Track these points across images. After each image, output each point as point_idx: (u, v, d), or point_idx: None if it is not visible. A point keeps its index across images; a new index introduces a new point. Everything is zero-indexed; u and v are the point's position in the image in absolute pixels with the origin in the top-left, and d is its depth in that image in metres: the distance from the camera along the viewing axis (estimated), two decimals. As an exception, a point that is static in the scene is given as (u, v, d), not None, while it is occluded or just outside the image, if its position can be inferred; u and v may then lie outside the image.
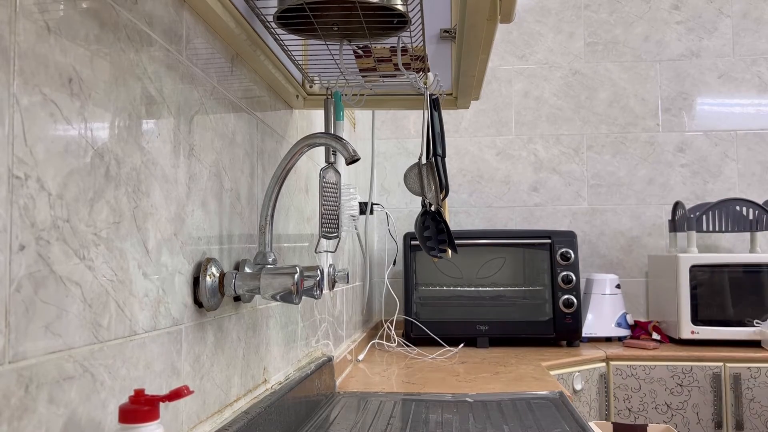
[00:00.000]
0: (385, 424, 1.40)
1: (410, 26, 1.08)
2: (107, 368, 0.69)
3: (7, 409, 0.54)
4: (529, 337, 2.61)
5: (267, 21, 1.08)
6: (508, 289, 2.72)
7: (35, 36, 0.58)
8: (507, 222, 3.09)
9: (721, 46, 3.05)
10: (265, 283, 0.99)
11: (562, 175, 3.09)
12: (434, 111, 1.37)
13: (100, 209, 0.68)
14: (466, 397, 1.66)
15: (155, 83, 0.81)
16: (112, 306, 0.70)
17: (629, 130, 3.08)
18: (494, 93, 3.14)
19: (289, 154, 1.07)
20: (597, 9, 3.12)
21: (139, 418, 0.61)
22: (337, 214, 1.28)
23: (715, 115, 3.05)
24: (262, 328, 1.22)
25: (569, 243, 2.62)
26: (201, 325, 0.94)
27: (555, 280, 2.60)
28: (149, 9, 0.80)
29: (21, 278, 0.55)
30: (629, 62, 3.09)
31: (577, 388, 2.29)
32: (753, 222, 2.68)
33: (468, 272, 2.81)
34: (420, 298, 2.69)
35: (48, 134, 0.59)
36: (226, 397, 1.03)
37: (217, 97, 1.01)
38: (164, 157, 0.83)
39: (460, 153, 3.13)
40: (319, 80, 1.45)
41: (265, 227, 1.06)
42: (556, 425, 1.38)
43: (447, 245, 1.38)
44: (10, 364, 0.54)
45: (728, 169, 3.02)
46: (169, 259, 0.84)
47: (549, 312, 2.62)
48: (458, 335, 2.59)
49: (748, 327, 2.53)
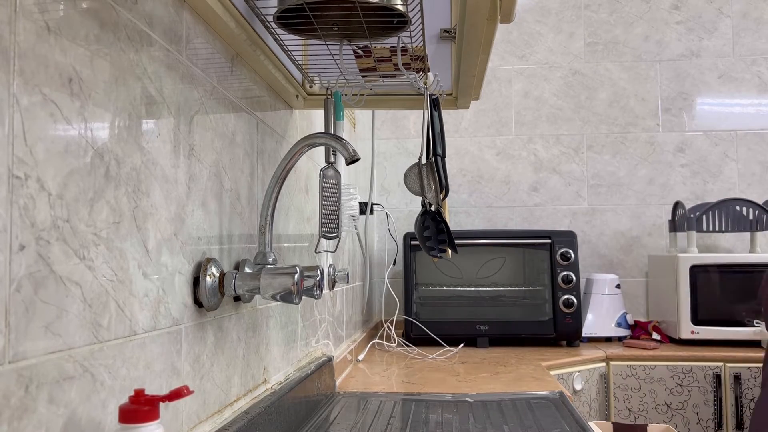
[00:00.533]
0: (385, 424, 1.40)
1: (410, 26, 1.08)
2: (107, 368, 0.69)
3: (7, 409, 0.54)
4: (529, 337, 2.61)
5: (267, 21, 1.08)
6: (508, 289, 2.72)
7: (35, 36, 0.58)
8: (507, 222, 3.09)
9: (721, 46, 3.05)
10: (265, 283, 0.99)
11: (562, 175, 3.09)
12: (434, 111, 1.37)
13: (100, 209, 0.68)
14: (466, 397, 1.66)
15: (155, 83, 0.81)
16: (112, 306, 0.70)
17: (629, 130, 3.08)
18: (494, 93, 3.14)
19: (289, 154, 1.07)
20: (597, 9, 3.12)
21: (139, 418, 0.61)
22: (337, 214, 1.28)
23: (715, 115, 3.05)
24: (262, 328, 1.22)
25: (569, 243, 2.62)
26: (201, 325, 0.94)
27: (555, 280, 2.60)
28: (149, 9, 0.80)
29: (21, 278, 0.55)
30: (629, 62, 3.09)
31: (577, 388, 2.29)
32: (753, 222, 2.68)
33: (468, 272, 2.81)
34: (420, 298, 2.69)
35: (48, 134, 0.59)
36: (226, 397, 1.03)
37: (217, 97, 1.01)
38: (164, 157, 0.83)
39: (460, 153, 3.13)
40: (319, 80, 1.45)
41: (265, 227, 1.06)
42: (556, 425, 1.38)
43: (447, 245, 1.38)
44: (10, 364, 0.54)
45: (728, 169, 3.02)
46: (169, 259, 0.85)
47: (549, 312, 2.62)
48: (458, 335, 2.59)
49: (748, 327, 2.53)
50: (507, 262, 2.80)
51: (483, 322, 2.59)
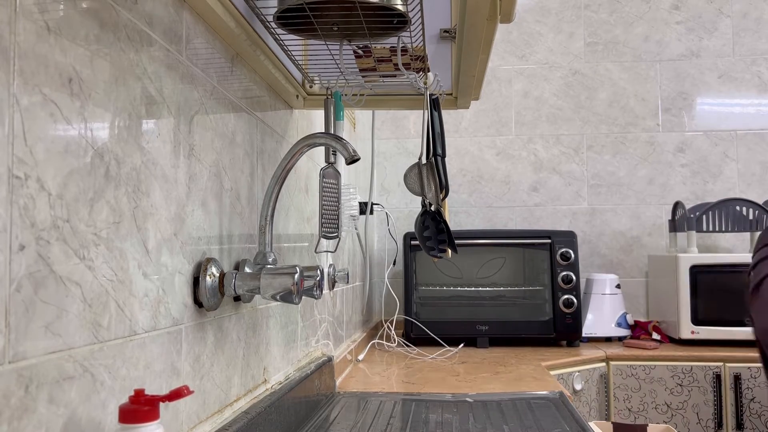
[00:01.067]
0: (385, 424, 1.40)
1: (410, 26, 1.08)
2: (107, 368, 0.69)
3: (7, 409, 0.54)
4: (529, 337, 2.61)
5: (267, 21, 1.08)
6: (508, 289, 2.72)
7: (35, 36, 0.58)
8: (507, 222, 3.09)
9: (721, 46, 3.05)
10: (265, 283, 0.99)
11: (562, 175, 3.09)
12: (434, 111, 1.37)
13: (100, 209, 0.68)
14: (466, 397, 1.66)
15: (155, 83, 0.81)
16: (112, 306, 0.70)
17: (629, 130, 3.08)
18: (494, 93, 3.14)
19: (289, 154, 1.07)
20: (597, 9, 3.12)
21: (139, 418, 0.61)
22: (337, 214, 1.28)
23: (715, 115, 3.05)
24: (262, 328, 1.22)
25: (569, 243, 2.62)
26: (201, 325, 0.94)
27: (555, 280, 2.60)
28: (149, 9, 0.80)
29: (21, 278, 0.55)
30: (629, 62, 3.09)
31: (577, 388, 2.29)
32: (753, 222, 2.68)
33: (468, 272, 2.81)
34: (420, 298, 2.69)
35: (48, 134, 0.59)
36: (226, 397, 1.03)
37: (217, 97, 1.01)
38: (164, 157, 0.83)
39: (460, 153, 3.13)
40: (319, 80, 1.45)
41: (265, 227, 1.06)
42: (556, 425, 1.38)
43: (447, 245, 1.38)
44: (10, 364, 0.54)
45: (728, 169, 3.02)
46: (169, 259, 0.84)
47: (549, 312, 2.62)
48: (458, 335, 2.59)
49: (748, 327, 2.53)
50: (507, 262, 2.80)
51: (483, 322, 2.59)
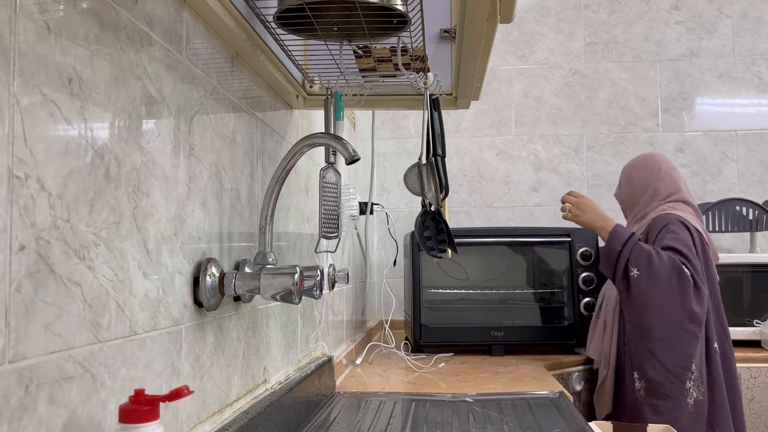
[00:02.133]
0: (385, 424, 1.40)
1: (410, 26, 1.08)
2: (107, 368, 0.69)
3: (7, 409, 0.54)
4: (548, 343, 2.40)
5: (267, 21, 1.08)
6: (519, 292, 2.48)
7: (35, 36, 0.58)
8: (507, 222, 3.09)
9: (721, 46, 3.05)
10: (265, 283, 0.99)
11: (562, 175, 3.09)
12: (434, 111, 1.37)
13: (100, 209, 0.68)
14: (466, 397, 1.66)
15: (155, 83, 0.81)
16: (112, 306, 0.70)
17: (629, 130, 3.08)
18: (494, 93, 3.14)
19: (289, 154, 1.07)
20: (597, 9, 3.12)
21: (139, 418, 0.61)
22: (337, 214, 1.28)
23: (715, 115, 3.05)
24: (262, 328, 1.22)
25: (590, 242, 2.40)
26: (201, 325, 0.94)
27: (575, 281, 2.38)
28: (149, 9, 0.80)
29: (21, 278, 0.55)
30: (629, 62, 3.09)
31: (576, 388, 2.29)
32: (753, 222, 2.68)
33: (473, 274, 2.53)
34: (427, 301, 2.44)
35: (48, 134, 0.59)
36: (226, 397, 1.03)
37: (217, 97, 1.01)
38: (164, 157, 0.83)
39: (460, 153, 3.13)
40: (319, 80, 1.45)
41: (265, 227, 1.06)
42: (556, 425, 1.38)
43: (447, 245, 1.38)
44: (10, 364, 0.54)
45: (728, 169, 3.02)
46: (169, 259, 0.84)
47: (569, 317, 2.40)
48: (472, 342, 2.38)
49: (748, 327, 2.53)
50: (515, 262, 2.52)
51: (498, 328, 2.37)
